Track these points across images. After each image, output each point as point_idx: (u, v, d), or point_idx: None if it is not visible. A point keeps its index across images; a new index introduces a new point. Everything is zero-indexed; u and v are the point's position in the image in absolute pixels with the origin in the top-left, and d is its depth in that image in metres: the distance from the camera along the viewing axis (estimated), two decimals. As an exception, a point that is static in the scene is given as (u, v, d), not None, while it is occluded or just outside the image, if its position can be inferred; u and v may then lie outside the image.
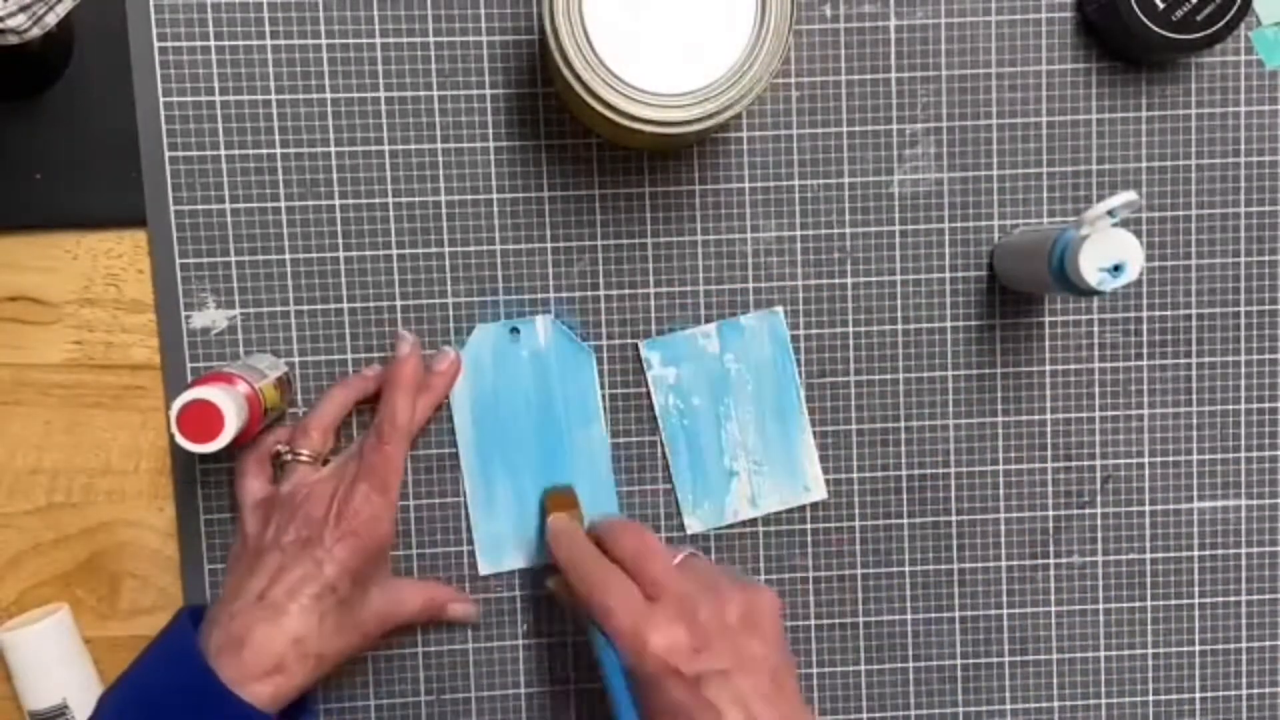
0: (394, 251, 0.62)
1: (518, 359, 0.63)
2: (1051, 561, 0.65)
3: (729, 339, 0.63)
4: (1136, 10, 0.59)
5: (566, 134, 0.62)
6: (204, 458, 0.62)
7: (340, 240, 0.61)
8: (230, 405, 0.52)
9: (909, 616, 0.65)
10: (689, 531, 0.64)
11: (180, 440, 0.52)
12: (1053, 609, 0.65)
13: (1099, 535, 0.65)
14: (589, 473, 0.63)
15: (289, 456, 0.59)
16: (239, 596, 0.55)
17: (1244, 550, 0.65)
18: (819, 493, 0.64)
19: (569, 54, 0.53)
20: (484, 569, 0.63)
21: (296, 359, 0.62)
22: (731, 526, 0.64)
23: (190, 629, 0.55)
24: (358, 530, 0.56)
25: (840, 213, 0.63)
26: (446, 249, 0.62)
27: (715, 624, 0.52)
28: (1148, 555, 0.65)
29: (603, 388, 0.63)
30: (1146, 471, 0.65)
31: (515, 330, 0.63)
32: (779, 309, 0.63)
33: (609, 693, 0.53)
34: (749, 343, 0.63)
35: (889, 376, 0.64)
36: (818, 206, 0.63)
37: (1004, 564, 0.65)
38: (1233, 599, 0.66)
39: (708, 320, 0.63)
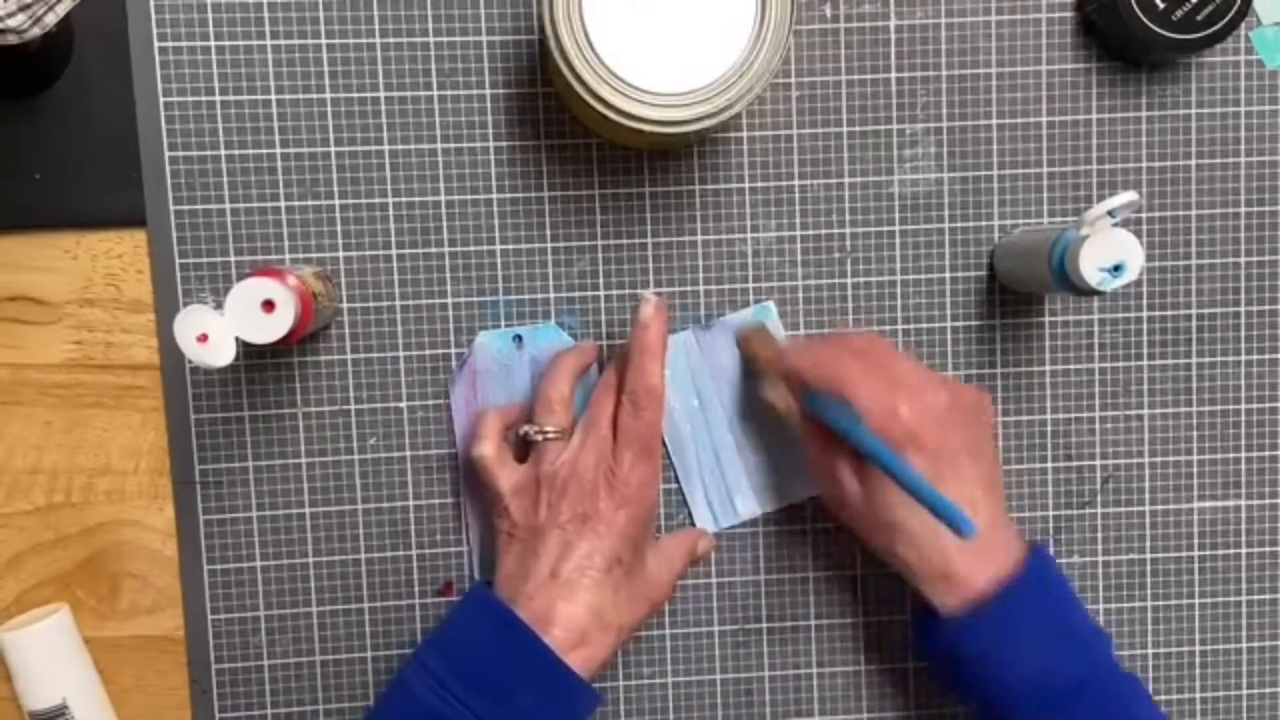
0: (394, 251, 0.62)
1: (521, 367, 0.63)
2: (1051, 561, 0.65)
3: (720, 338, 0.63)
4: (1136, 10, 0.59)
5: (566, 134, 0.62)
6: (205, 457, 0.62)
7: (340, 240, 0.61)
8: (284, 294, 0.52)
9: (908, 616, 0.65)
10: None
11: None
12: (1053, 609, 0.65)
13: (1099, 535, 0.65)
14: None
15: (539, 436, 0.58)
16: (529, 578, 0.56)
17: (1244, 550, 0.66)
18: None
19: (569, 54, 0.53)
20: (483, 573, 0.63)
21: (296, 359, 0.62)
22: (732, 526, 0.64)
23: (502, 605, 0.56)
24: (631, 499, 0.57)
25: (840, 213, 0.63)
26: (446, 249, 0.62)
27: (948, 410, 0.55)
28: (1148, 555, 0.65)
29: (603, 388, 0.63)
30: (1146, 471, 0.65)
31: (518, 338, 0.63)
32: (770, 302, 0.63)
33: (861, 444, 0.54)
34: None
35: (889, 376, 0.64)
36: (818, 206, 0.63)
37: (1004, 564, 0.65)
38: (1233, 599, 0.66)
39: (708, 320, 0.63)
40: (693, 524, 0.64)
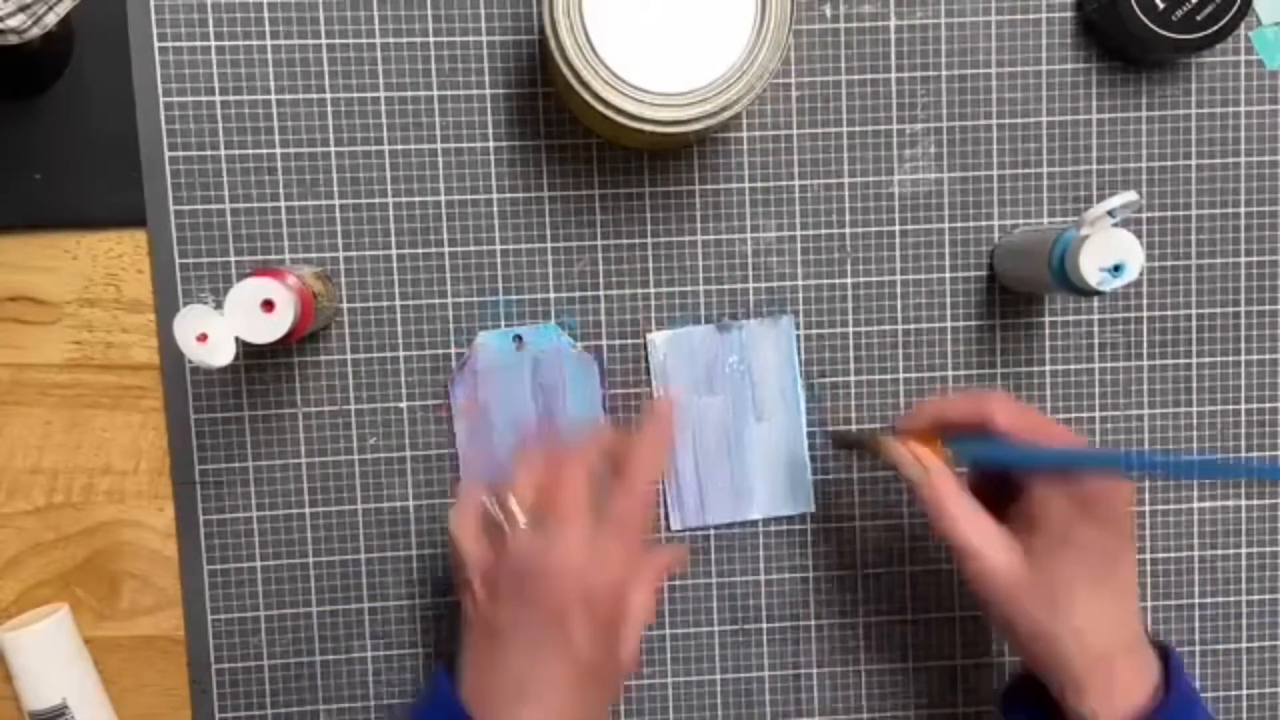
0: (394, 251, 0.62)
1: (520, 367, 0.63)
2: (1051, 561, 0.65)
3: (735, 341, 0.63)
4: (1136, 10, 0.59)
5: (566, 134, 0.62)
6: (205, 457, 0.62)
7: (340, 241, 0.61)
8: (284, 294, 0.51)
9: (909, 617, 0.65)
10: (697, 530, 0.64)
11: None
12: (1053, 609, 0.65)
13: (1099, 535, 0.65)
14: (589, 473, 0.63)
15: (506, 523, 0.53)
16: (492, 689, 0.51)
17: (1244, 550, 0.65)
18: (808, 505, 0.64)
19: (569, 54, 0.53)
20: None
21: (296, 359, 0.62)
22: (731, 526, 0.64)
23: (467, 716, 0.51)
24: (614, 618, 0.52)
25: (840, 213, 0.63)
26: (446, 249, 0.62)
27: None
28: (1148, 555, 0.65)
29: (602, 388, 0.63)
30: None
31: (519, 338, 0.63)
32: (788, 315, 0.63)
33: (1022, 459, 0.53)
34: (754, 346, 0.63)
35: (889, 376, 0.64)
36: (818, 206, 0.63)
37: (1004, 564, 0.65)
38: (1233, 599, 0.66)
39: (708, 320, 0.63)
40: (665, 522, 0.64)
